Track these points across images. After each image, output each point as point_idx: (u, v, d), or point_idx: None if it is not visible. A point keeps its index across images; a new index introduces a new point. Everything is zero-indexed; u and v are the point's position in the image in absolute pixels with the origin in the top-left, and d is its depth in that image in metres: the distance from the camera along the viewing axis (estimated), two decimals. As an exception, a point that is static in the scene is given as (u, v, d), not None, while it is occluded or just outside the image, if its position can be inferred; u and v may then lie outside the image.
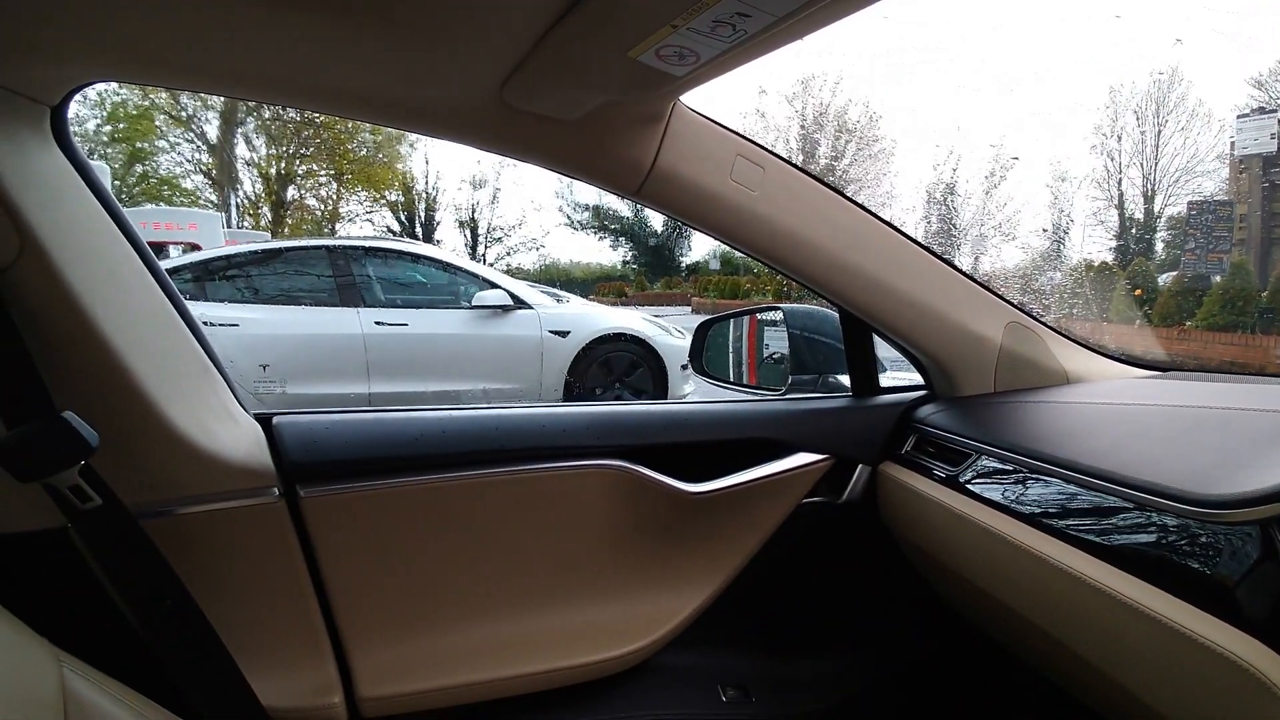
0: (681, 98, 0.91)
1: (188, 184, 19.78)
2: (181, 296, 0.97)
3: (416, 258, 5.71)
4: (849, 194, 1.10)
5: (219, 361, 1.01)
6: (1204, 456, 0.76)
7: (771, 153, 1.01)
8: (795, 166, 1.03)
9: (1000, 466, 0.98)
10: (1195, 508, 0.68)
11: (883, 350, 1.26)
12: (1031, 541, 0.85)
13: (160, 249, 9.01)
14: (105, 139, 17.89)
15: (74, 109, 0.86)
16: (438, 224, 23.96)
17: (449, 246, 21.74)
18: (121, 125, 18.08)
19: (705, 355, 1.62)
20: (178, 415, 0.89)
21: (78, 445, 0.77)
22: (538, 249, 24.98)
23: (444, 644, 1.06)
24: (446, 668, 1.04)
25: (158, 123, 18.85)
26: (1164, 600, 0.68)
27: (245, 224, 19.96)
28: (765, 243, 1.03)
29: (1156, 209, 17.12)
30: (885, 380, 1.28)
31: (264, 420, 1.02)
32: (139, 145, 18.51)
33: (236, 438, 0.96)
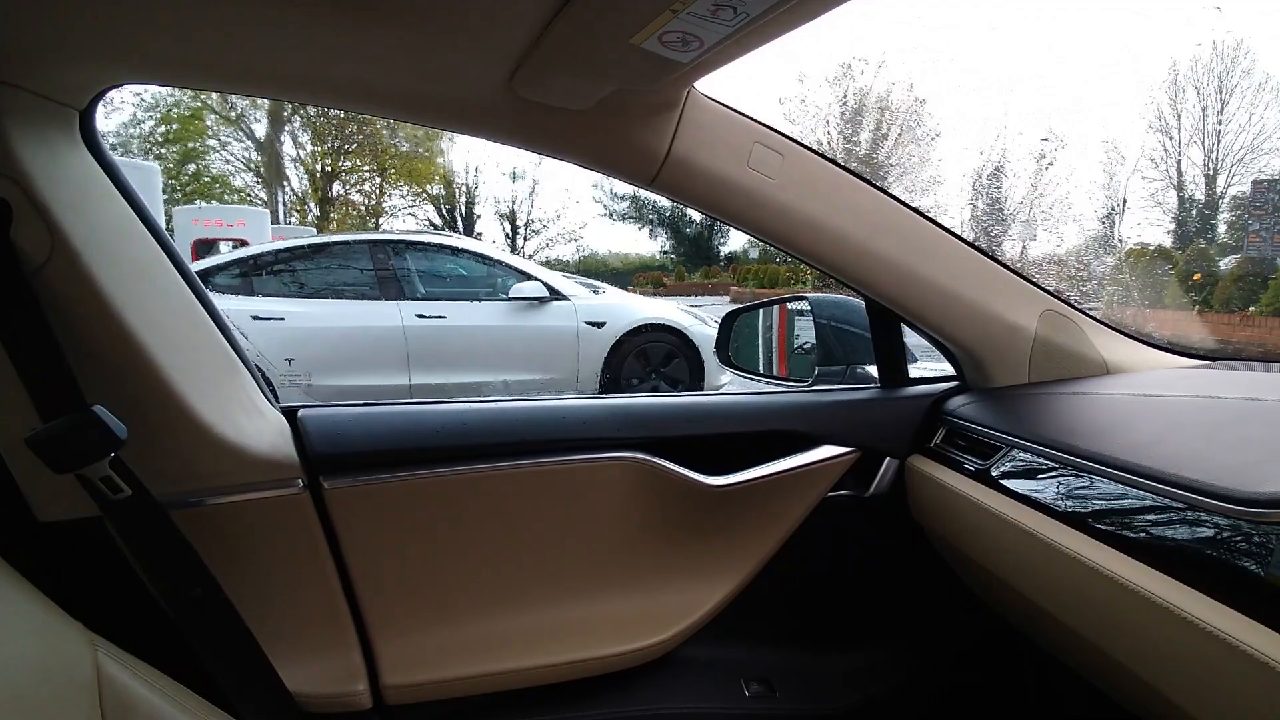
0: (698, 85, 0.90)
1: (237, 181, 20.38)
2: (208, 293, 0.99)
3: (456, 251, 5.78)
4: (886, 181, 1.07)
5: (245, 356, 1.03)
6: (1250, 452, 0.72)
7: (791, 139, 0.99)
8: (816, 153, 1.01)
9: (1033, 460, 0.95)
10: (1239, 506, 0.64)
11: (913, 340, 1.23)
12: (1064, 539, 0.82)
13: (210, 245, 9.29)
14: (159, 140, 18.51)
15: (129, 113, 0.88)
16: (478, 217, 24.31)
17: (489, 239, 22.06)
18: (174, 126, 18.67)
19: (732, 346, 1.61)
20: (204, 409, 0.91)
21: (107, 438, 0.79)
22: (576, 240, 25.13)
23: (466, 634, 1.07)
24: (468, 657, 1.05)
25: (208, 122, 19.43)
26: (1203, 603, 0.65)
27: (292, 220, 20.47)
28: (785, 230, 1.01)
29: (1219, 189, 16.42)
30: (915, 371, 1.25)
31: (289, 413, 1.04)
32: (190, 145, 19.10)
33: (262, 430, 0.98)
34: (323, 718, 0.99)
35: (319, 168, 21.60)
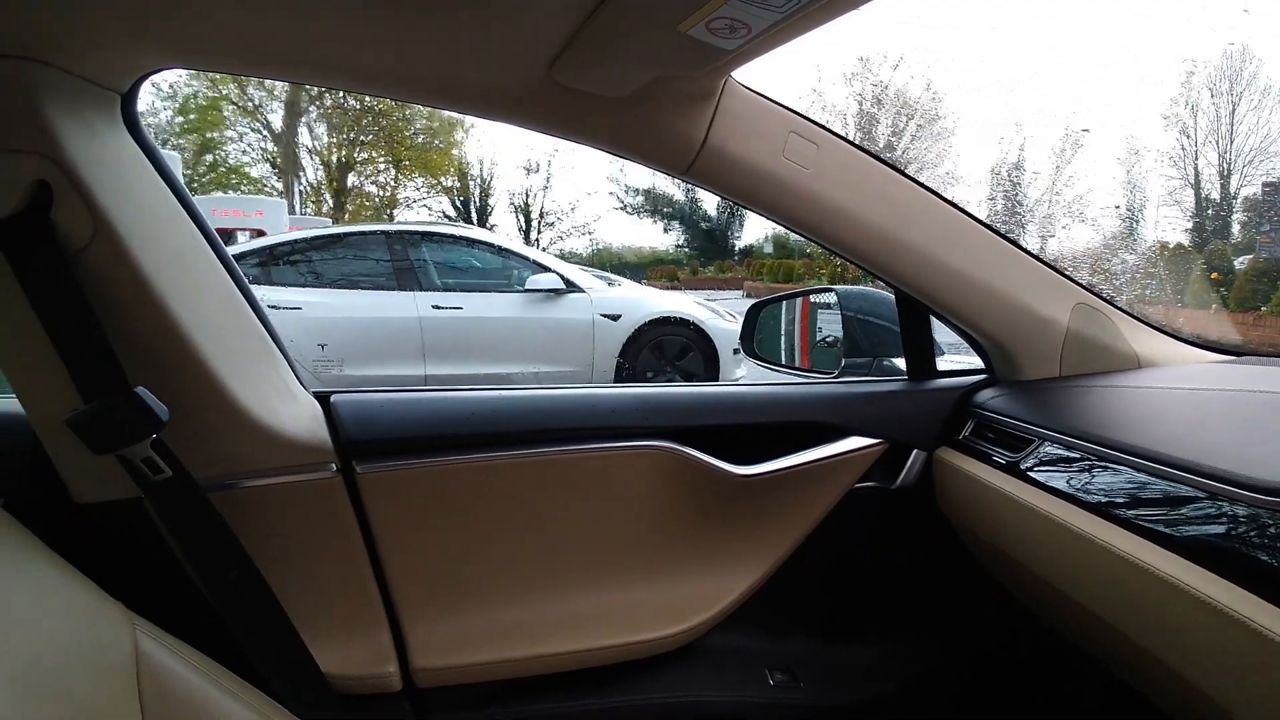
0: (734, 74, 0.90)
1: (254, 172, 20.49)
2: (245, 278, 1.00)
3: (471, 242, 5.80)
4: (909, 172, 1.06)
5: (280, 341, 1.04)
6: None
7: (826, 129, 0.98)
8: (851, 143, 1.00)
9: (1065, 453, 0.94)
10: (1269, 497, 0.64)
11: (940, 333, 1.22)
12: (1097, 531, 0.81)
13: (228, 235, 9.36)
14: (177, 130, 18.62)
15: (148, 101, 0.89)
16: (492, 209, 24.32)
17: (503, 231, 22.05)
18: (192, 116, 18.78)
19: (756, 338, 1.61)
20: (242, 392, 0.92)
21: (149, 419, 0.80)
22: (590, 233, 25.10)
23: (494, 619, 1.08)
24: (497, 642, 1.06)
25: (225, 113, 19.53)
26: (1233, 593, 0.65)
27: (308, 210, 20.55)
28: (818, 221, 1.01)
29: (1232, 189, 16.43)
30: (942, 364, 1.25)
31: (322, 398, 1.05)
32: (209, 135, 19.21)
33: (297, 414, 0.99)
34: (354, 698, 1.00)
35: (334, 159, 21.69)
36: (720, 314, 5.74)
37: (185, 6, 0.70)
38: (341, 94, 17.85)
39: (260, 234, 8.14)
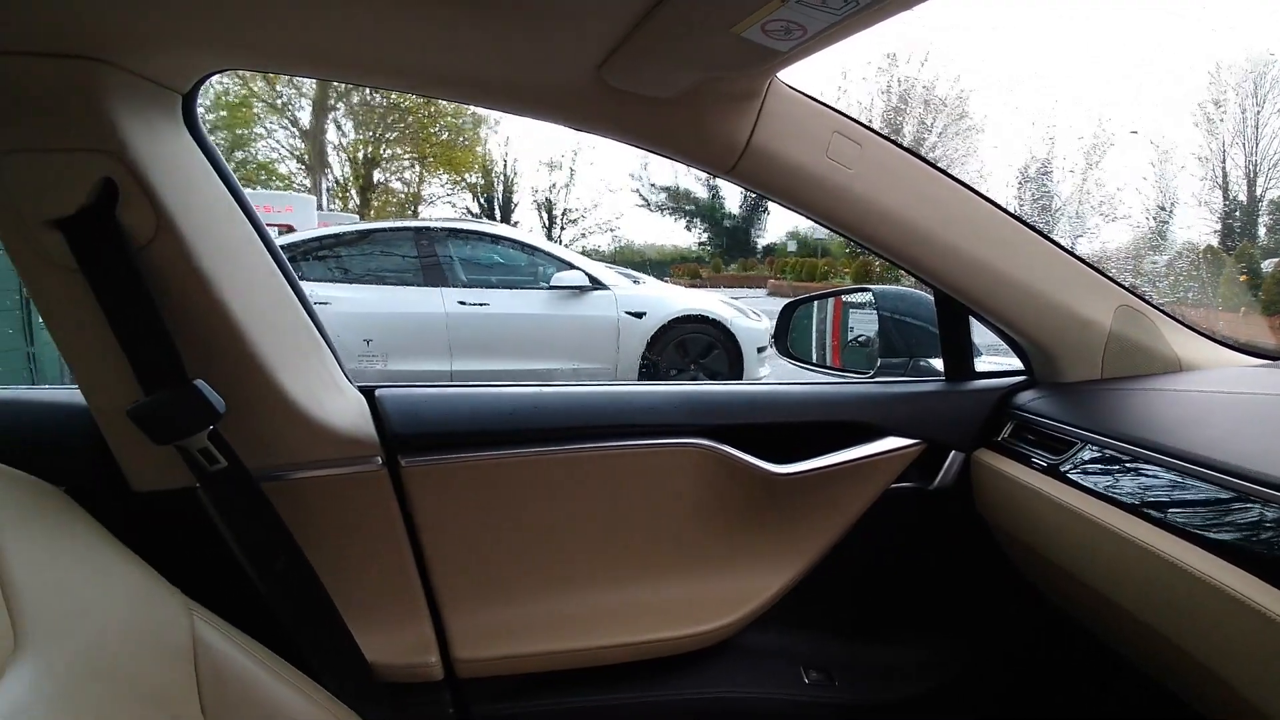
0: (778, 74, 0.90)
1: (283, 169, 20.73)
2: (295, 275, 1.02)
3: (496, 239, 5.84)
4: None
5: (328, 336, 1.06)
6: None
7: (870, 129, 0.98)
8: (895, 143, 1.00)
9: (1107, 456, 0.93)
10: None
11: (977, 334, 1.22)
12: (1139, 534, 0.81)
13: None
14: (209, 126, 18.85)
15: None
16: (515, 206, 24.42)
17: (526, 228, 22.13)
18: (223, 113, 19.04)
19: (789, 337, 1.61)
20: (292, 386, 0.94)
21: (207, 411, 0.83)
22: (613, 230, 25.13)
23: (533, 611, 1.09)
24: (535, 635, 1.07)
25: (255, 110, 19.76)
26: (1276, 597, 0.64)
27: (334, 206, 20.76)
28: (860, 221, 1.01)
29: (1258, 192, 16.30)
30: (980, 365, 1.24)
31: (367, 392, 1.07)
32: (239, 132, 19.46)
33: (343, 408, 1.01)
34: (397, 687, 1.02)
35: (361, 155, 21.88)
36: (745, 312, 5.72)
37: (246, 9, 0.71)
38: (368, 91, 18.01)
39: (290, 229, 8.23)
